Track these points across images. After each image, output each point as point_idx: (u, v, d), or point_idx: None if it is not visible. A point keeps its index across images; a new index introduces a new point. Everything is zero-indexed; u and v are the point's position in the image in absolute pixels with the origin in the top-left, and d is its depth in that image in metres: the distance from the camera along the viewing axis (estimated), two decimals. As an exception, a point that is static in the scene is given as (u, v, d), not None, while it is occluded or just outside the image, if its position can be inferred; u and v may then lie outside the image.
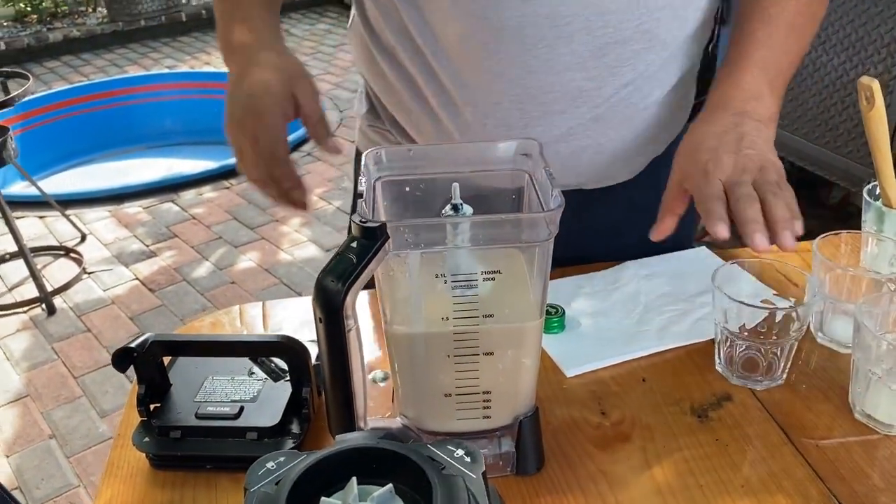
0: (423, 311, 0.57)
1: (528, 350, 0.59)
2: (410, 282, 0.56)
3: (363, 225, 0.49)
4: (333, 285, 0.48)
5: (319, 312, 0.49)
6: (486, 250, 0.56)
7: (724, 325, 0.71)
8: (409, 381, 0.61)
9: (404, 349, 0.59)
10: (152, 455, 0.64)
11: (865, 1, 1.62)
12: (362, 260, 0.49)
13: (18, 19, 5.54)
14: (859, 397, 0.67)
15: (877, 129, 0.75)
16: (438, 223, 0.54)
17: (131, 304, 2.33)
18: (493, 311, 0.56)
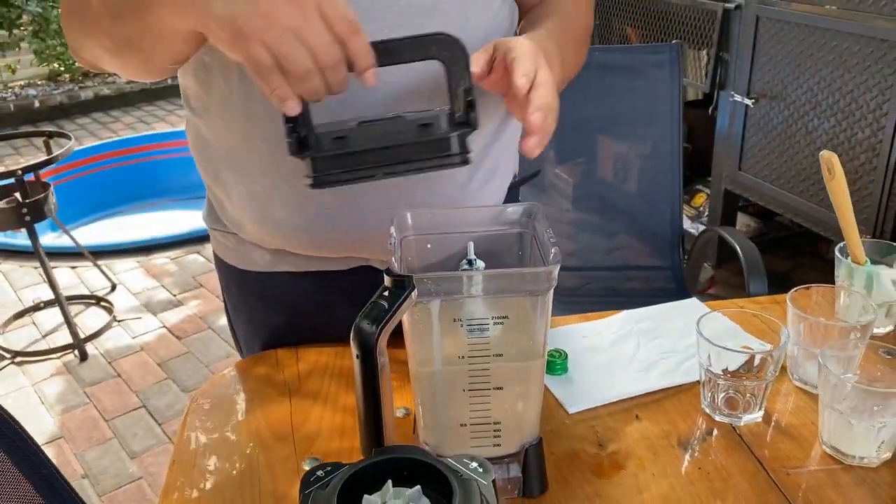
0: (443, 351, 0.66)
1: (532, 385, 0.68)
2: (432, 325, 0.64)
3: (394, 276, 0.60)
4: (368, 328, 0.57)
5: (356, 350, 0.58)
6: (496, 299, 0.64)
7: (707, 368, 0.80)
8: (430, 412, 0.69)
9: (426, 384, 0.67)
10: (316, 163, 0.63)
11: (852, 71, 1.74)
12: (392, 306, 0.57)
13: (52, 78, 5.79)
14: (826, 432, 0.76)
15: (839, 196, 0.86)
16: (456, 276, 0.64)
17: (159, 351, 2.44)
18: (503, 350, 0.65)
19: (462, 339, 0.65)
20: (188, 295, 2.78)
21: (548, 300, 0.64)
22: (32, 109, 5.22)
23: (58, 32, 5.45)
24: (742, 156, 2.14)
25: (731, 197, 2.27)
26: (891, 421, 0.71)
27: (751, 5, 2.00)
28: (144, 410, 2.14)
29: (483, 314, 0.64)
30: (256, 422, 0.84)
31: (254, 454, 0.79)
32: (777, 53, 1.95)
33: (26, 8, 5.23)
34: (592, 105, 1.80)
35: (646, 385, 0.86)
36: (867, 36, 1.68)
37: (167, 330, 2.56)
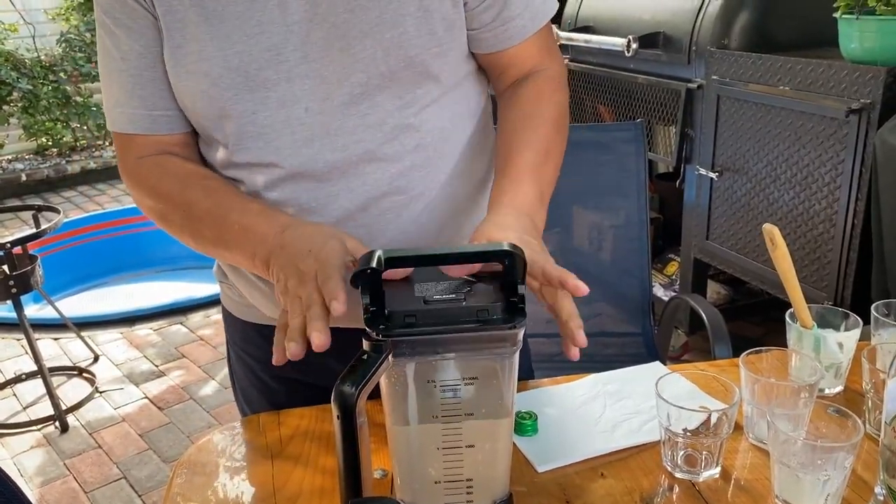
0: (418, 411, 0.69)
1: (501, 442, 0.72)
2: (408, 387, 0.68)
3: (371, 341, 0.64)
4: (348, 389, 0.61)
5: (337, 411, 0.61)
6: (466, 361, 0.68)
7: (667, 427, 0.85)
8: (406, 469, 0.72)
9: (402, 442, 0.71)
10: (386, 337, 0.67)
11: (807, 146, 1.85)
12: (370, 368, 0.62)
13: (39, 152, 5.88)
14: (777, 485, 0.81)
15: (783, 265, 0.93)
16: (430, 339, 0.66)
17: (141, 422, 2.44)
18: (473, 410, 0.69)
19: (435, 400, 0.69)
20: (171, 365, 2.79)
21: (514, 361, 0.68)
22: (19, 183, 5.29)
23: (47, 109, 5.57)
24: (709, 226, 2.24)
25: (701, 265, 2.35)
26: (834, 474, 0.76)
27: (712, 86, 2.12)
28: (125, 482, 2.14)
29: (455, 375, 0.68)
30: (239, 485, 0.87)
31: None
32: (738, 130, 2.07)
33: (17, 85, 5.36)
34: (566, 178, 1.87)
35: (611, 444, 0.90)
36: (818, 115, 1.79)
37: (149, 400, 2.57)
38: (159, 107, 0.89)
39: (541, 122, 0.94)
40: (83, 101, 5.79)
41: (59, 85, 5.63)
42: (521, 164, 0.90)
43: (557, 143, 0.96)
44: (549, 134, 0.94)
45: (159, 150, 0.91)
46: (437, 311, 0.66)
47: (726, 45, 2.11)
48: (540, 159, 0.92)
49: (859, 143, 1.69)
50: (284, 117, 0.86)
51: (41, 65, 5.59)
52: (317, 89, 0.85)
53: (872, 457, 0.85)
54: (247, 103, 0.85)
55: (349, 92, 0.86)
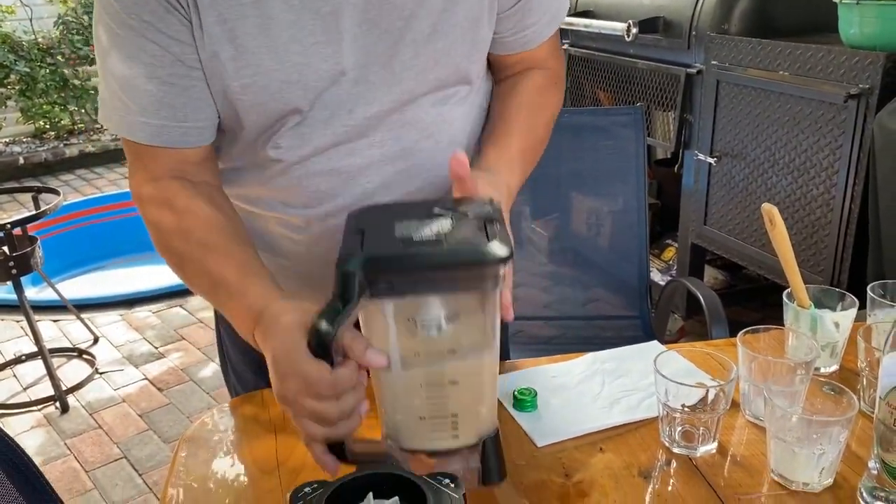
0: (399, 350, 0.67)
1: (485, 378, 0.70)
2: (388, 326, 0.66)
3: (342, 271, 0.61)
4: (325, 326, 0.60)
5: (315, 350, 0.61)
6: (447, 297, 0.66)
7: (665, 403, 0.87)
8: (390, 407, 0.71)
9: (385, 381, 0.69)
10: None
11: (805, 131, 1.85)
12: (346, 305, 0.61)
13: (37, 136, 5.87)
14: (773, 460, 0.82)
15: (781, 244, 0.94)
16: (410, 280, 0.65)
17: (140, 403, 2.46)
18: (455, 347, 0.68)
19: (417, 338, 0.67)
20: (170, 347, 2.80)
21: (496, 296, 0.67)
22: (17, 166, 5.28)
23: (44, 91, 5.55)
24: (707, 211, 2.25)
25: (698, 250, 2.37)
26: (829, 448, 0.78)
27: (711, 71, 2.13)
28: (125, 461, 2.15)
29: (435, 313, 0.66)
30: (243, 457, 0.89)
31: (241, 486, 0.84)
32: (736, 115, 2.07)
33: (14, 68, 5.34)
34: (565, 163, 1.89)
35: (609, 420, 0.92)
36: (817, 100, 1.80)
37: (149, 382, 2.58)
38: (190, 118, 0.84)
39: (540, 112, 0.98)
40: (81, 85, 5.77)
41: (57, 68, 5.60)
42: (511, 141, 0.94)
43: (542, 140, 1.00)
44: (540, 126, 0.99)
45: (177, 167, 0.86)
46: (417, 254, 0.64)
47: (726, 31, 2.11)
48: (528, 145, 0.96)
49: (857, 128, 1.70)
50: (327, 117, 0.86)
51: (38, 47, 5.57)
52: (365, 94, 0.86)
53: (867, 433, 0.86)
54: (298, 113, 0.85)
55: (397, 98, 0.87)
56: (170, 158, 0.86)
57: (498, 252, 0.63)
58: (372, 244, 0.66)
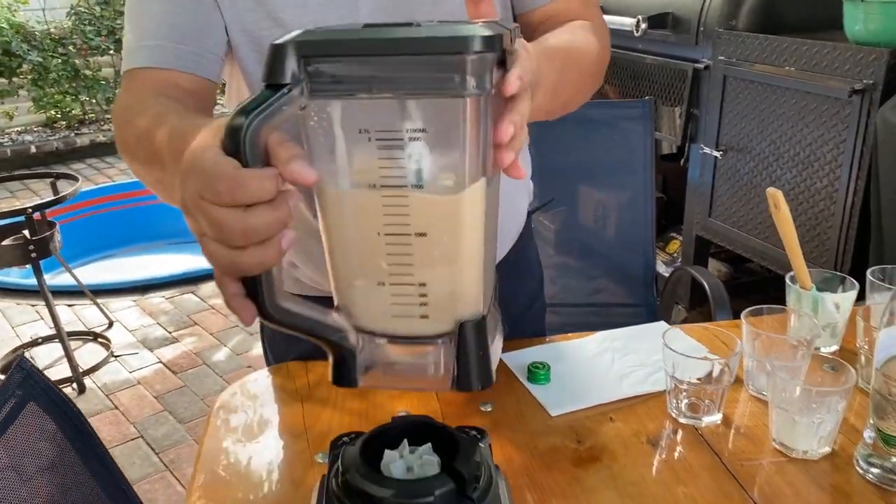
0: (349, 173, 0.52)
1: (466, 234, 0.53)
2: (334, 136, 0.51)
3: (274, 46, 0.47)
4: (239, 119, 0.45)
5: (225, 145, 0.46)
6: (414, 105, 0.49)
7: (672, 375, 0.91)
8: (340, 264, 0.55)
9: (333, 220, 0.54)
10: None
11: (810, 125, 1.90)
12: (274, 94, 0.46)
13: (49, 125, 5.92)
14: (775, 429, 0.87)
15: (785, 227, 0.99)
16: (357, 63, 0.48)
17: (155, 385, 2.51)
18: (424, 181, 0.50)
19: (372, 159, 0.50)
20: (183, 332, 2.86)
21: (482, 109, 0.49)
22: (29, 154, 5.34)
23: (56, 81, 5.61)
24: (712, 204, 2.29)
25: (703, 242, 2.41)
26: (827, 417, 0.83)
27: (718, 66, 2.17)
28: (142, 440, 2.21)
29: (396, 122, 0.49)
30: (273, 421, 0.94)
31: (272, 448, 0.89)
32: (743, 109, 2.12)
33: (27, 57, 5.39)
34: (573, 156, 1.94)
35: (619, 392, 0.97)
36: (822, 95, 1.84)
37: (163, 365, 2.64)
38: (189, 41, 0.80)
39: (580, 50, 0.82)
40: (92, 75, 5.83)
41: (69, 58, 5.66)
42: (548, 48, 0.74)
43: (586, 81, 0.85)
44: (586, 62, 0.83)
45: (164, 90, 0.79)
46: (372, 35, 0.48)
47: (734, 27, 2.15)
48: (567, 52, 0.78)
49: (861, 123, 1.74)
50: None
51: (51, 37, 5.62)
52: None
53: (864, 408, 0.91)
54: None
55: None
56: (159, 80, 0.80)
57: (479, 32, 0.47)
58: (322, 29, 0.51)
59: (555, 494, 0.80)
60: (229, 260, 0.47)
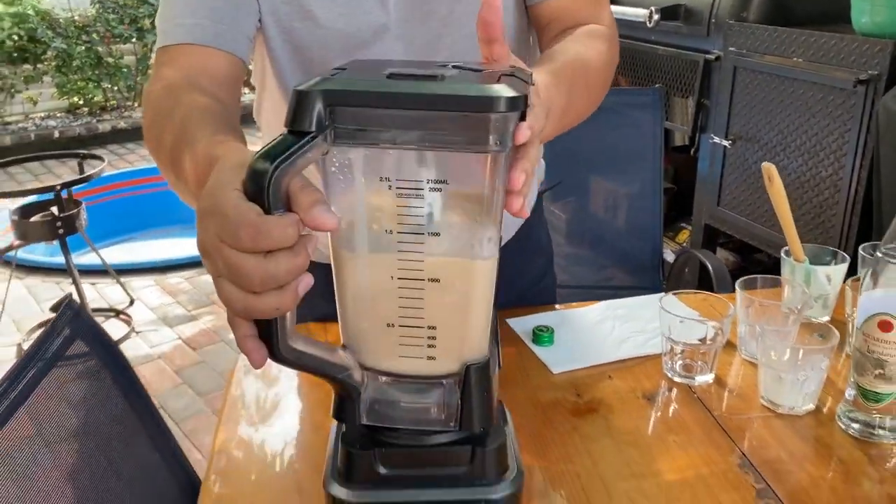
0: (368, 221, 0.53)
1: (478, 282, 0.55)
2: (354, 181, 0.52)
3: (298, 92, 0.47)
4: (262, 164, 0.45)
5: (247, 189, 0.46)
6: (436, 157, 0.51)
7: (669, 337, 0.97)
8: (351, 306, 0.56)
9: (348, 266, 0.55)
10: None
11: (816, 115, 1.94)
12: (298, 140, 0.46)
13: (71, 111, 6.03)
14: (763, 386, 0.93)
15: (779, 200, 1.04)
16: (383, 115, 0.49)
17: (175, 360, 2.60)
18: (441, 229, 0.52)
19: (390, 206, 0.52)
20: (202, 311, 2.94)
21: (499, 163, 0.51)
22: (52, 139, 5.45)
23: (80, 68, 5.71)
24: (720, 192, 2.34)
25: (711, 231, 2.46)
26: (812, 374, 0.88)
27: (729, 57, 2.22)
28: (163, 411, 2.29)
29: (416, 172, 0.51)
30: (292, 381, 1.01)
31: (294, 396, 0.96)
32: (752, 100, 2.16)
33: (52, 44, 5.50)
34: (583, 142, 1.99)
35: (618, 354, 1.03)
36: (828, 85, 1.89)
37: (182, 341, 2.72)
38: (226, 21, 0.83)
39: (587, 61, 0.85)
40: (114, 63, 5.93)
41: (92, 46, 5.76)
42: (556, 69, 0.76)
43: (594, 92, 0.89)
44: (593, 73, 0.86)
45: (195, 75, 0.81)
46: (397, 87, 0.49)
47: (745, 18, 2.20)
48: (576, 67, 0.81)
49: (865, 113, 1.78)
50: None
51: (75, 25, 5.73)
52: (405, 52, 0.90)
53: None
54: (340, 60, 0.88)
55: (438, 56, 0.89)
56: (192, 61, 0.82)
57: (506, 92, 0.48)
58: (347, 75, 0.52)
59: (554, 442, 0.86)
60: (245, 304, 0.48)
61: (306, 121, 0.47)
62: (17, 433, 0.69)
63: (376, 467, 0.57)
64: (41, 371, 0.72)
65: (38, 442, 0.74)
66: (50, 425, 0.75)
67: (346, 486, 0.57)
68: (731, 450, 0.84)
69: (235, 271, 0.46)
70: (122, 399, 0.84)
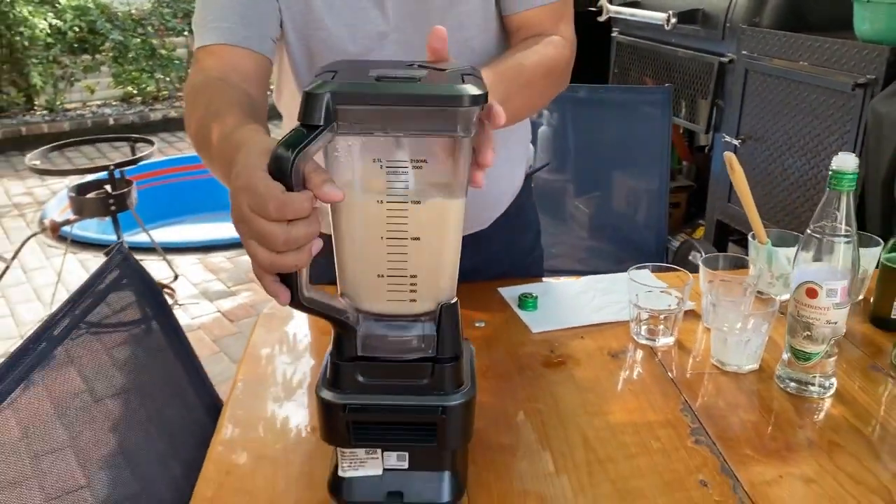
0: (362, 192, 0.66)
1: (448, 237, 0.69)
2: (353, 164, 0.65)
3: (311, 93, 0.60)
4: (284, 152, 0.58)
5: (272, 172, 0.58)
6: (417, 141, 0.65)
7: (635, 304, 1.10)
8: (349, 260, 0.69)
9: (345, 227, 0.67)
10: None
11: (819, 117, 2.04)
12: (311, 132, 0.59)
13: (126, 100, 6.33)
14: (713, 348, 1.05)
15: (741, 187, 1.16)
16: (379, 112, 0.62)
17: (214, 330, 2.79)
18: (420, 197, 0.66)
19: (381, 181, 0.65)
20: (241, 287, 3.14)
21: (466, 147, 0.65)
22: (107, 126, 5.74)
23: (135, 59, 6.00)
24: (731, 190, 2.44)
25: (722, 226, 2.56)
26: (753, 336, 1.01)
27: (741, 60, 2.32)
28: (200, 375, 2.48)
29: (403, 155, 0.65)
30: (307, 333, 1.16)
31: (309, 350, 1.12)
32: (761, 101, 2.26)
33: (110, 36, 5.79)
34: (595, 134, 2.12)
35: (593, 318, 1.16)
36: (830, 88, 1.98)
37: (221, 314, 2.92)
38: (254, 25, 0.97)
39: (534, 59, 1.00)
40: (167, 55, 6.21)
41: (147, 38, 6.05)
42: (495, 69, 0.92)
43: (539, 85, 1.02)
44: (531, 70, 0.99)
45: (229, 71, 0.94)
46: (390, 89, 0.62)
47: (758, 23, 2.30)
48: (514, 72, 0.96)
49: (863, 115, 1.88)
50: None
51: (132, 18, 6.02)
52: (404, 55, 0.94)
53: (797, 340, 1.08)
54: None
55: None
56: (225, 59, 0.96)
57: (471, 91, 0.62)
58: (344, 78, 0.64)
59: (523, 385, 1.00)
60: (271, 261, 0.60)
61: (316, 116, 0.60)
62: (78, 350, 0.86)
63: (357, 376, 0.72)
64: (98, 298, 0.89)
65: (89, 362, 0.90)
66: (99, 348, 0.92)
67: (333, 391, 0.72)
68: (676, 398, 0.97)
69: (264, 236, 0.58)
70: (162, 338, 1.00)
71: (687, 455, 0.86)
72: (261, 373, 1.05)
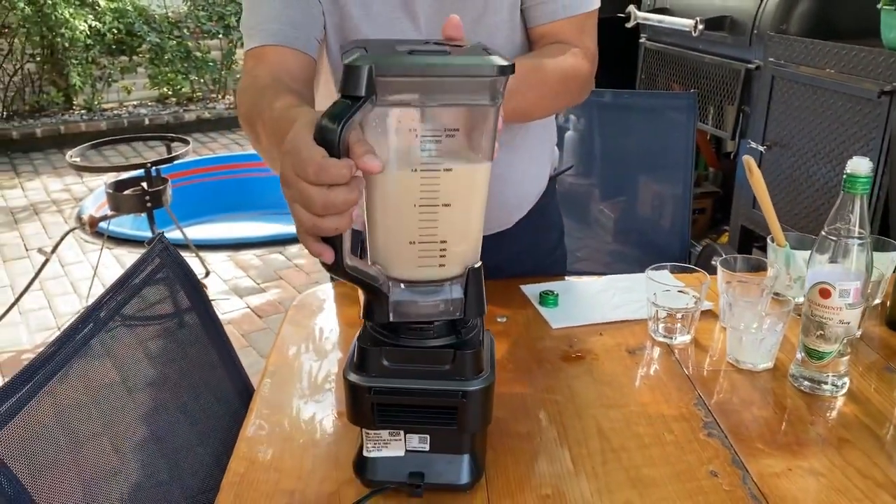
0: (396, 161, 0.68)
1: (476, 203, 0.72)
2: (388, 133, 0.67)
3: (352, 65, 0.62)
4: (327, 122, 0.61)
5: (317, 141, 0.61)
6: (448, 111, 0.67)
7: (653, 302, 1.14)
8: (382, 227, 0.72)
9: (379, 194, 0.69)
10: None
11: (845, 124, 2.05)
12: (354, 103, 0.61)
13: (161, 101, 6.46)
14: (729, 347, 1.08)
15: (759, 190, 1.19)
16: (416, 84, 0.65)
17: (243, 325, 2.86)
18: (452, 165, 0.69)
19: (415, 150, 0.67)
20: (270, 284, 3.21)
21: (494, 115, 0.68)
22: (142, 126, 5.87)
23: (170, 61, 6.12)
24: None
25: (747, 232, 2.57)
26: (768, 335, 1.03)
27: (768, 67, 2.33)
28: (229, 368, 2.55)
29: (436, 126, 0.67)
30: (339, 316, 1.21)
31: (335, 336, 1.16)
32: (787, 108, 2.27)
33: (147, 38, 5.92)
34: (620, 138, 2.15)
35: (612, 316, 1.19)
36: (856, 96, 1.99)
37: (250, 310, 2.99)
38: (301, 28, 1.03)
39: (546, 64, 1.05)
40: (202, 57, 6.33)
41: (183, 40, 6.17)
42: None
43: (549, 88, 1.06)
44: (550, 73, 1.04)
45: (278, 72, 0.98)
46: (425, 60, 0.66)
47: (785, 31, 2.31)
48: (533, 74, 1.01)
49: (889, 122, 1.89)
50: None
51: (168, 20, 6.15)
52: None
53: (812, 341, 1.10)
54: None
55: None
56: (275, 61, 1.00)
57: (500, 62, 0.65)
58: (377, 52, 0.66)
59: (541, 377, 1.04)
60: (312, 223, 0.63)
61: (358, 87, 0.62)
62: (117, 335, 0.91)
63: (382, 361, 0.76)
64: (140, 285, 0.94)
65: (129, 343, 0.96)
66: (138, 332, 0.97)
67: (359, 374, 0.77)
68: (691, 393, 1.00)
69: (304, 198, 0.62)
70: (199, 326, 1.06)
71: (699, 447, 0.89)
72: (290, 361, 1.10)
